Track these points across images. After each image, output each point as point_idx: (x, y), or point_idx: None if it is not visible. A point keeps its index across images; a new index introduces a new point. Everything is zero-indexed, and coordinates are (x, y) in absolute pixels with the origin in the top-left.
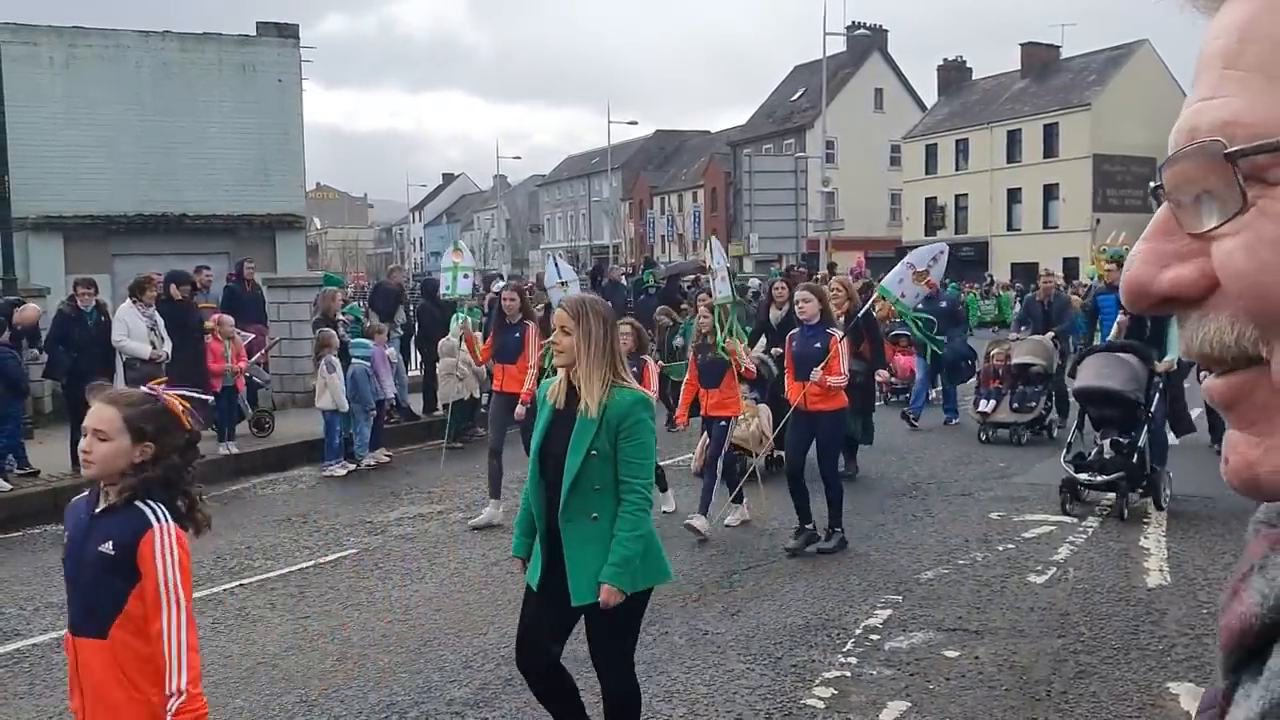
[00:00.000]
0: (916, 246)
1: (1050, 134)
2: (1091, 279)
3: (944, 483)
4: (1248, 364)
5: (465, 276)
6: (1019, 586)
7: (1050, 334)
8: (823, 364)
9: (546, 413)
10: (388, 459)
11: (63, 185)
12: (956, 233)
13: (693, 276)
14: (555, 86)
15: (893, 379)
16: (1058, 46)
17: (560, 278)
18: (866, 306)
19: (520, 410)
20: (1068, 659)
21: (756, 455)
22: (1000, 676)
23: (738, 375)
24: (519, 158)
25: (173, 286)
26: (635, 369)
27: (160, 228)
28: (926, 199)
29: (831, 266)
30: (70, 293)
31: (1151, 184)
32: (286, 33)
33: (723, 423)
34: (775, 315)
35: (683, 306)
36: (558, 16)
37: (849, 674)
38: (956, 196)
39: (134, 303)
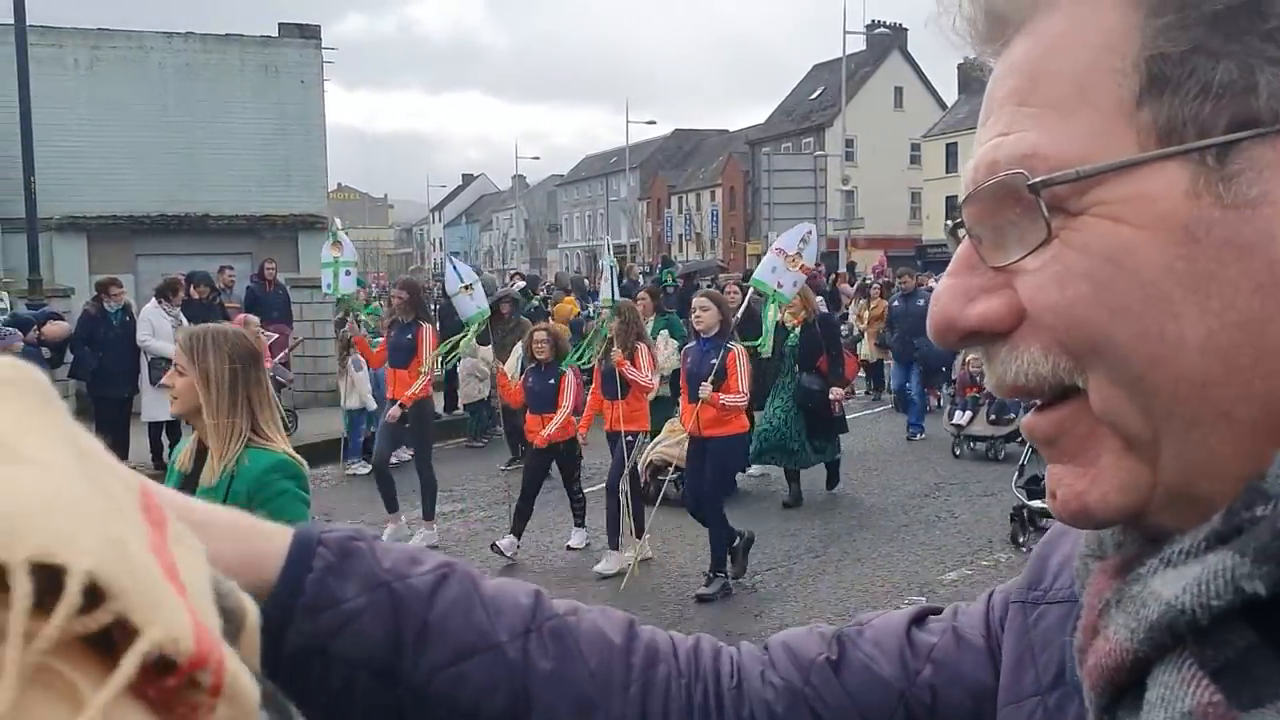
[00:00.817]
0: (938, 245)
1: None
2: None
3: (965, 483)
4: (1062, 395)
5: (347, 273)
6: None
7: None
8: (716, 381)
9: (173, 482)
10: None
11: (87, 186)
12: None
13: (711, 276)
14: (573, 86)
15: (891, 388)
16: None
17: (462, 281)
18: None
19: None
20: None
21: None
22: None
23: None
24: (538, 158)
25: (191, 287)
26: (553, 380)
27: (183, 228)
28: (947, 197)
29: (851, 266)
30: (94, 294)
31: (949, 221)
32: (308, 33)
33: (629, 438)
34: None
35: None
36: (575, 16)
37: None
38: None
39: (159, 303)
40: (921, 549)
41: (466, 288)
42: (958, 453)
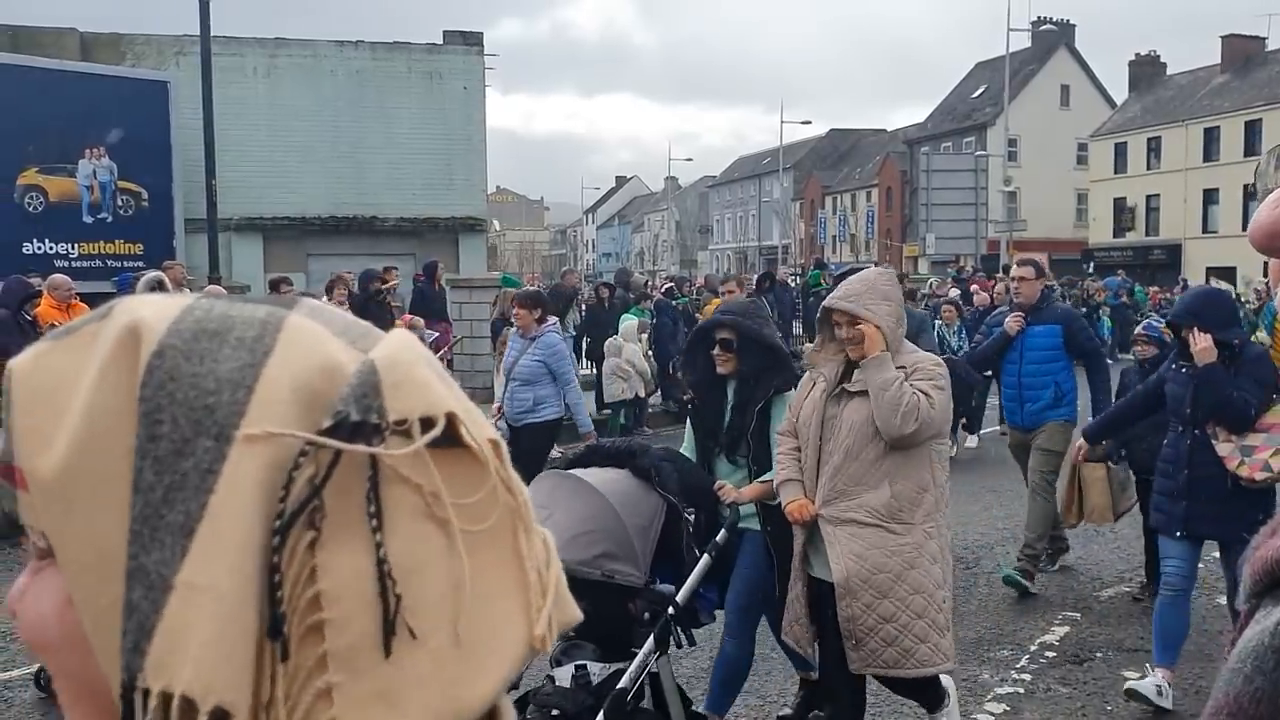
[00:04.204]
0: (1104, 249)
1: (1252, 131)
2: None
3: None
4: None
5: None
6: (1206, 608)
7: None
8: None
9: None
10: (559, 454)
11: (264, 189)
12: (1147, 234)
13: None
14: (724, 87)
15: None
16: (1263, 38)
17: None
18: None
19: None
20: None
21: None
22: (1185, 701)
23: None
24: (690, 159)
25: (368, 285)
26: None
27: (352, 229)
28: (1115, 199)
29: (1005, 269)
30: (267, 291)
31: None
32: (471, 41)
33: None
34: None
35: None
36: (725, 16)
37: (1023, 691)
38: (1147, 197)
39: (326, 301)
40: (1078, 564)
41: None
42: None
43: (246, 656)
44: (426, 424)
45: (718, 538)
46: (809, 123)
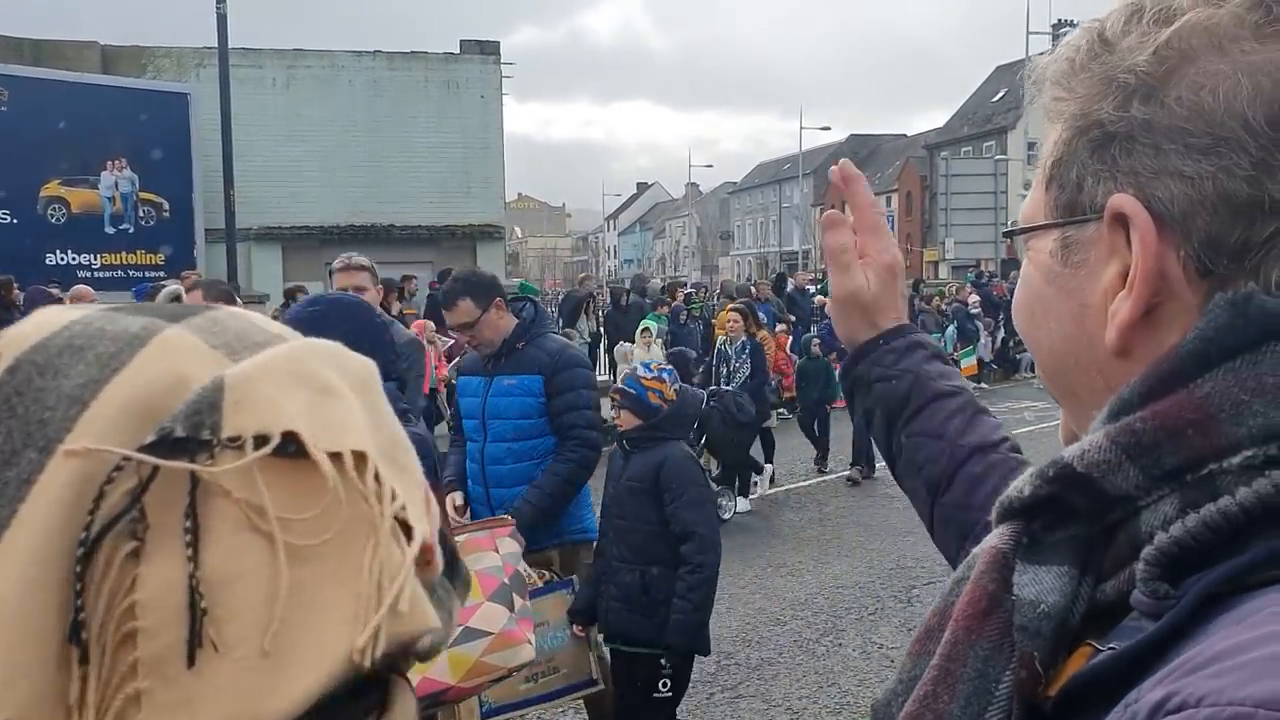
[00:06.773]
0: None
1: None
2: None
3: None
4: None
5: None
6: None
7: None
8: None
9: None
10: None
11: (282, 198)
12: None
13: None
14: (741, 93)
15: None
16: None
17: None
18: None
19: None
20: None
21: None
22: None
23: None
24: (711, 166)
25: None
26: None
27: (370, 237)
28: None
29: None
30: (284, 300)
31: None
32: (488, 50)
33: None
34: None
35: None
36: (743, 21)
37: None
38: None
39: None
40: None
41: None
42: None
43: (30, 661)
44: (260, 441)
45: None
46: (828, 128)
